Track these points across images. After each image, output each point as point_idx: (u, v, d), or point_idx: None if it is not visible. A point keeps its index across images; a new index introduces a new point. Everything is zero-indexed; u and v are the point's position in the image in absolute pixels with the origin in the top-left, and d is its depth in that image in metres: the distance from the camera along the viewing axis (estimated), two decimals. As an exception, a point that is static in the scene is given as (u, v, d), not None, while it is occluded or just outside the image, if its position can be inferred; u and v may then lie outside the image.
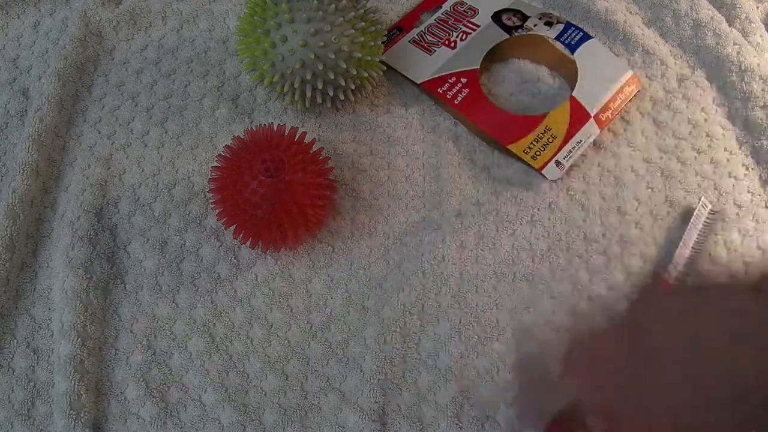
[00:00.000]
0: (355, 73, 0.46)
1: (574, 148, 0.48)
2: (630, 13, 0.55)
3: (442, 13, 0.55)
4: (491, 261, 0.46)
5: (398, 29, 0.54)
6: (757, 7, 0.55)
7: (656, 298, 0.30)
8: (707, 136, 0.50)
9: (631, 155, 0.49)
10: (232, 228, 0.43)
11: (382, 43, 0.49)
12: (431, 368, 0.42)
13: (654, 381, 0.28)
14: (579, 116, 0.48)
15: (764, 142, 0.49)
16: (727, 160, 0.49)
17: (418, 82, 0.51)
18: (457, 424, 0.41)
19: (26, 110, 0.51)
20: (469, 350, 0.43)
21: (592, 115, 0.48)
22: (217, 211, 0.43)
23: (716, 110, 0.51)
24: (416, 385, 0.42)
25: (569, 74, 0.51)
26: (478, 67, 0.51)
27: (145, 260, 0.45)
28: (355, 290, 0.45)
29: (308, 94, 0.46)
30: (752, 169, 0.49)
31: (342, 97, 0.47)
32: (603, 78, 0.50)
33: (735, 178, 0.49)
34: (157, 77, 0.53)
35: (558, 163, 0.47)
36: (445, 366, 0.42)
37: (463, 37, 0.53)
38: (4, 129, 0.50)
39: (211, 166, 0.43)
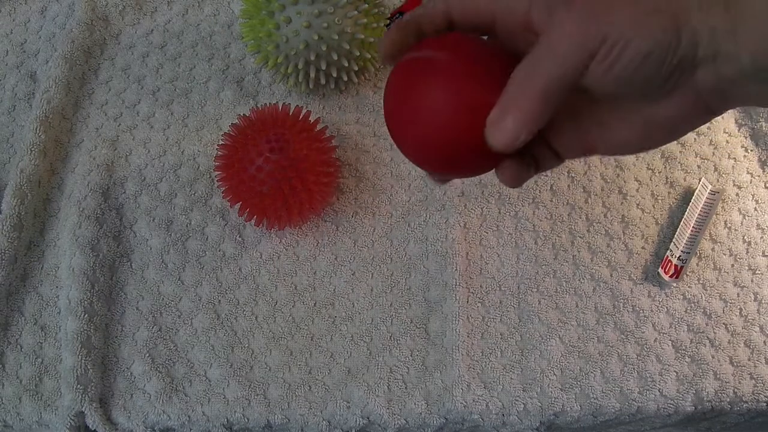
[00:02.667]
0: (358, 54, 0.46)
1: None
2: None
3: (444, -1, 0.55)
4: (494, 243, 0.46)
5: (401, 14, 0.55)
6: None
7: None
8: (707, 117, 0.50)
9: (631, 136, 0.50)
10: (237, 207, 0.44)
11: (385, 26, 0.49)
12: (438, 347, 0.43)
13: None
14: (580, 98, 0.49)
15: (763, 124, 0.50)
16: (726, 141, 0.50)
17: (421, 66, 0.52)
18: (462, 403, 0.41)
19: (33, 93, 0.51)
20: (474, 330, 0.43)
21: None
22: (223, 188, 0.43)
23: (716, 92, 0.52)
24: (423, 364, 0.42)
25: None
26: (480, 50, 0.52)
27: (151, 239, 0.46)
28: (360, 269, 0.45)
29: (312, 75, 0.47)
30: (751, 150, 0.49)
31: (345, 78, 0.48)
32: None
33: (734, 159, 0.49)
34: (163, 61, 0.53)
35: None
36: (451, 345, 0.43)
37: (465, 22, 0.53)
38: (12, 111, 0.51)
39: (218, 144, 0.43)
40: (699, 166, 0.49)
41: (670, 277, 0.45)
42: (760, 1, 0.23)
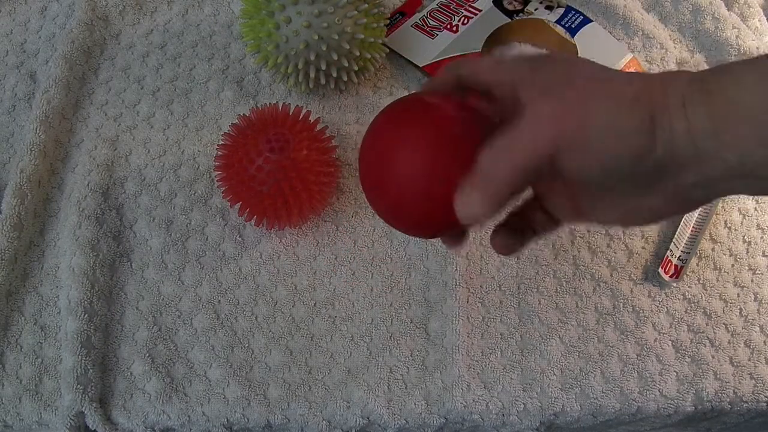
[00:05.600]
0: (358, 54, 0.46)
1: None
2: (630, -2, 0.56)
3: (444, -1, 0.55)
4: (494, 242, 0.46)
5: (401, 14, 0.55)
6: (756, -8, 0.56)
7: None
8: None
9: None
10: (237, 207, 0.44)
11: (385, 26, 0.49)
12: (438, 347, 0.43)
13: None
14: (580, 98, 0.49)
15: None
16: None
17: (421, 66, 0.52)
18: (462, 403, 0.41)
19: (33, 93, 0.51)
20: (474, 330, 0.43)
21: (593, 96, 0.49)
22: (223, 188, 0.43)
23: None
24: (423, 364, 0.42)
25: (570, 57, 0.52)
26: (480, 50, 0.52)
27: (151, 239, 0.46)
28: (360, 269, 0.45)
29: (312, 75, 0.47)
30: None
31: (345, 78, 0.48)
32: (603, 61, 0.50)
33: (735, 158, 0.49)
34: (163, 60, 0.53)
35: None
36: (452, 345, 0.43)
37: (465, 21, 0.53)
38: (12, 111, 0.51)
39: (218, 144, 0.43)
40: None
41: (670, 277, 0.45)
42: (743, 99, 0.23)
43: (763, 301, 0.45)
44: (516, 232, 0.31)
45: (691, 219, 0.46)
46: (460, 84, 0.30)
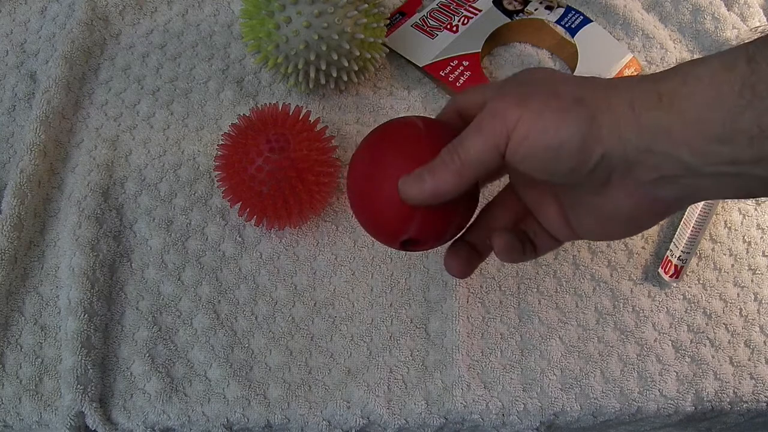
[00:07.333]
0: (358, 54, 0.46)
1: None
2: (630, -2, 0.56)
3: (444, -1, 0.55)
4: (494, 241, 0.46)
5: (401, 14, 0.55)
6: (756, -8, 0.56)
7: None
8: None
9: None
10: (237, 207, 0.44)
11: (385, 26, 0.49)
12: (438, 347, 0.43)
13: None
14: (580, 98, 0.49)
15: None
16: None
17: (421, 65, 0.52)
18: (462, 403, 0.41)
19: (33, 93, 0.51)
20: (474, 330, 0.43)
21: (593, 96, 0.49)
22: (223, 188, 0.43)
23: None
24: (423, 364, 0.42)
25: (570, 57, 0.52)
26: (480, 50, 0.52)
27: (151, 239, 0.46)
28: (360, 269, 0.45)
29: (312, 75, 0.47)
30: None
31: (345, 78, 0.48)
32: (603, 61, 0.51)
33: (735, 158, 0.49)
34: (163, 60, 0.53)
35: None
36: (452, 345, 0.43)
37: (465, 21, 0.53)
38: (12, 111, 0.51)
39: (218, 144, 0.44)
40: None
41: (670, 277, 0.45)
42: (695, 97, 0.24)
43: (763, 301, 0.45)
44: (515, 239, 0.33)
45: (691, 219, 0.46)
46: (462, 118, 0.32)
